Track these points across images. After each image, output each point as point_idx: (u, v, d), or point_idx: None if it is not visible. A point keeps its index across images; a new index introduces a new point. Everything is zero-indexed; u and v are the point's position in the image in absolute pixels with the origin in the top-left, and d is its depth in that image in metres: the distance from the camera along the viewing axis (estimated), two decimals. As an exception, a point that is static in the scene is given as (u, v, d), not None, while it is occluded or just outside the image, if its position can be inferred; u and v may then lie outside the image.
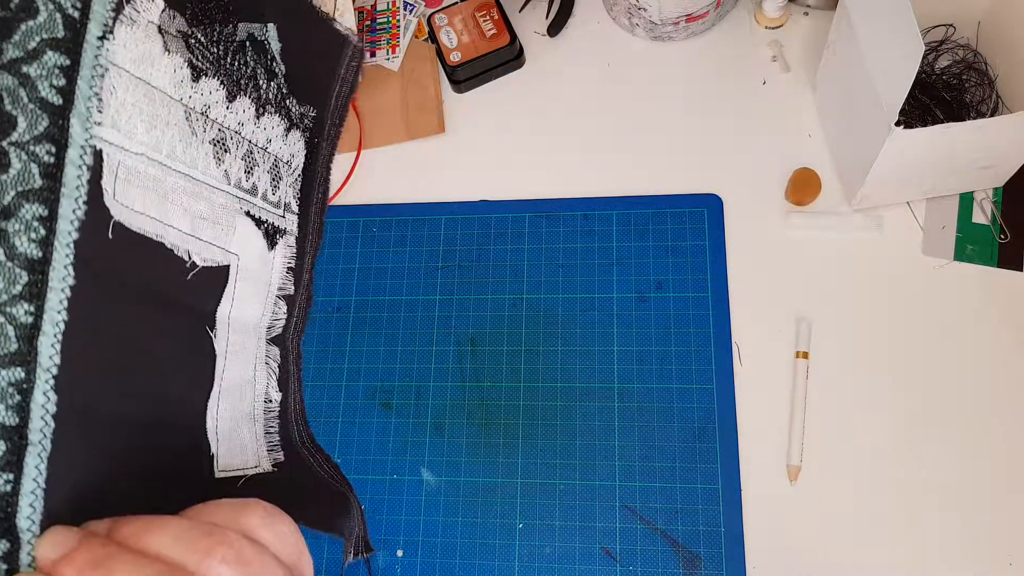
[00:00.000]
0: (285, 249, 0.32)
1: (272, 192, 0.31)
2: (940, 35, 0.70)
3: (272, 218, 0.31)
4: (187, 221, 0.26)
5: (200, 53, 0.27)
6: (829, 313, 0.65)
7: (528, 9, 0.81)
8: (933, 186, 0.65)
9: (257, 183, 0.30)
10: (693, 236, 0.69)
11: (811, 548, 0.60)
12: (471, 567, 0.62)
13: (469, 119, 0.78)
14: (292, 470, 0.33)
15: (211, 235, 0.28)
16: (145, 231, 0.24)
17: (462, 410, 0.67)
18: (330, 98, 0.33)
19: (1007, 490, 0.59)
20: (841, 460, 0.61)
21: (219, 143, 0.28)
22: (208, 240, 0.27)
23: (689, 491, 0.62)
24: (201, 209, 0.27)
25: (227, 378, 0.30)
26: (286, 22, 0.31)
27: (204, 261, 0.27)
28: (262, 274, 0.31)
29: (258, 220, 0.30)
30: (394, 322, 0.70)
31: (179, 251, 0.26)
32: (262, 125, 0.30)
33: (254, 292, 0.31)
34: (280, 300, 0.33)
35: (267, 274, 0.31)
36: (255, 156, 0.30)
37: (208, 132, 0.27)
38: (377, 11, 0.82)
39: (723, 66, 0.76)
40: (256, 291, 0.31)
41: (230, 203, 0.28)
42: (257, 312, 0.31)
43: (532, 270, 0.70)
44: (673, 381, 0.65)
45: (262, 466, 0.32)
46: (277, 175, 0.31)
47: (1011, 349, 0.63)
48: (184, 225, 0.26)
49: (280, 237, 0.32)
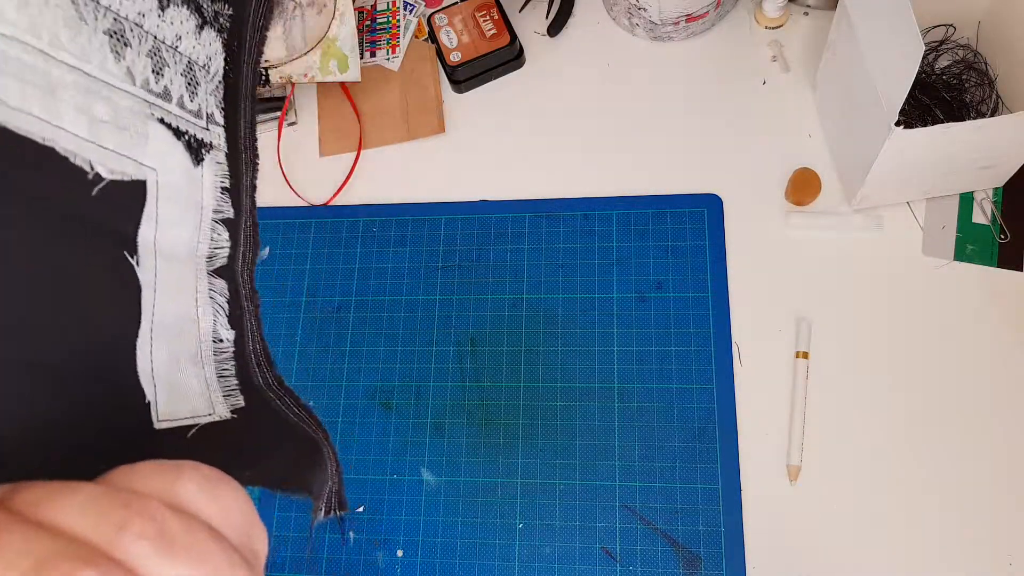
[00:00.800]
0: (214, 166, 0.28)
1: (189, 99, 0.27)
2: (940, 35, 0.70)
3: (193, 129, 0.27)
4: (83, 124, 0.22)
5: None
6: (829, 313, 0.65)
7: (528, 9, 0.81)
8: (933, 186, 0.65)
9: (169, 86, 0.26)
10: (693, 236, 0.69)
11: (811, 548, 0.60)
12: (471, 567, 0.62)
13: (469, 119, 0.78)
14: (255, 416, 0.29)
15: (116, 142, 0.24)
16: (29, 133, 0.20)
17: (462, 410, 0.67)
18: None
19: (1007, 490, 0.59)
20: (841, 460, 0.61)
21: (117, 35, 0.24)
22: (112, 148, 0.23)
23: (689, 491, 0.62)
24: (100, 111, 0.23)
25: (159, 313, 0.26)
26: None
27: (111, 173, 0.23)
28: (190, 193, 0.27)
29: (176, 130, 0.26)
30: (394, 322, 0.70)
31: (76, 159, 0.22)
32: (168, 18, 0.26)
33: (182, 214, 0.27)
34: (218, 225, 0.29)
35: (196, 194, 0.27)
36: (163, 55, 0.26)
37: (102, 20, 0.23)
38: (377, 11, 0.82)
39: (723, 66, 0.76)
40: (185, 213, 0.27)
41: (137, 107, 0.24)
42: (190, 237, 0.27)
43: (532, 270, 0.70)
44: (673, 381, 0.65)
45: (217, 413, 0.28)
46: (194, 80, 0.27)
47: (1011, 349, 0.63)
48: (80, 129, 0.22)
49: (207, 152, 0.28)
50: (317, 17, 0.74)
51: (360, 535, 0.64)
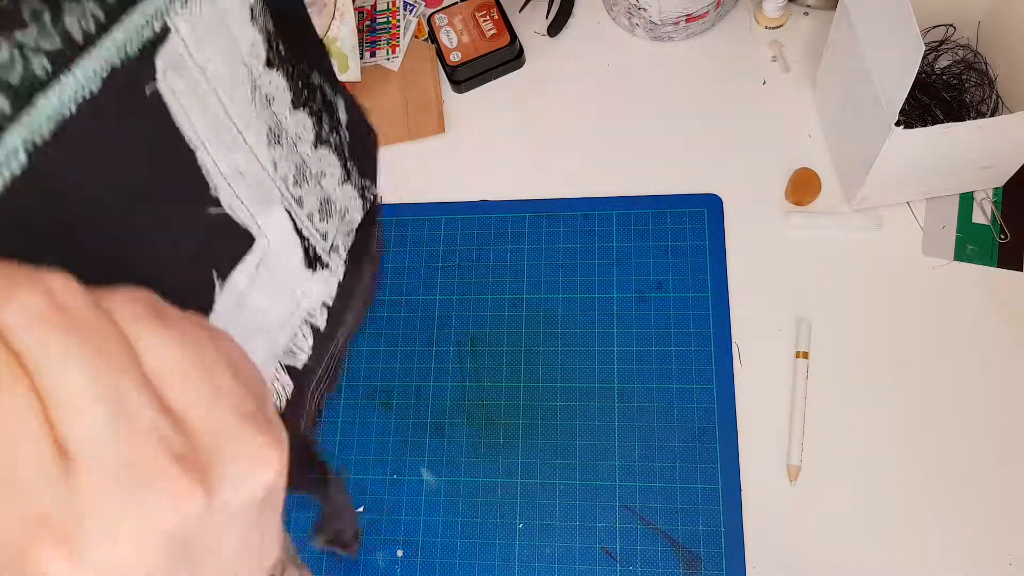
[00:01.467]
0: (326, 285, 0.29)
1: (320, 219, 0.28)
2: (940, 35, 0.70)
3: (315, 240, 0.28)
4: (224, 159, 0.23)
5: (276, 52, 0.25)
6: (829, 313, 0.65)
7: (528, 9, 0.81)
8: (933, 186, 0.65)
9: (304, 197, 0.27)
10: (693, 236, 0.69)
11: (811, 548, 0.60)
12: (471, 567, 0.62)
13: (469, 119, 0.78)
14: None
15: (244, 193, 0.24)
16: (181, 127, 0.21)
17: (462, 410, 0.67)
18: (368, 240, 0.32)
19: (1007, 490, 0.59)
20: (841, 460, 0.61)
21: (274, 134, 0.25)
22: (239, 195, 0.24)
23: (689, 491, 0.62)
24: (239, 161, 0.24)
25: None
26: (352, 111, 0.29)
27: (229, 209, 0.24)
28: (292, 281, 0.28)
29: (298, 229, 0.27)
30: (394, 322, 0.70)
31: (208, 175, 0.23)
32: (318, 155, 0.28)
33: (278, 291, 0.27)
34: (307, 328, 0.29)
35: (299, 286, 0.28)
36: (306, 175, 0.27)
37: (266, 114, 0.25)
38: (377, 11, 0.82)
39: (723, 66, 0.76)
40: (281, 293, 0.27)
41: (270, 186, 0.25)
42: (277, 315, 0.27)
43: (532, 270, 0.70)
44: (673, 381, 0.65)
45: None
46: (328, 211, 0.28)
47: (1011, 349, 0.63)
48: (220, 161, 0.23)
49: (322, 268, 0.29)
50: (317, 17, 0.74)
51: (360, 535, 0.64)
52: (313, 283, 0.29)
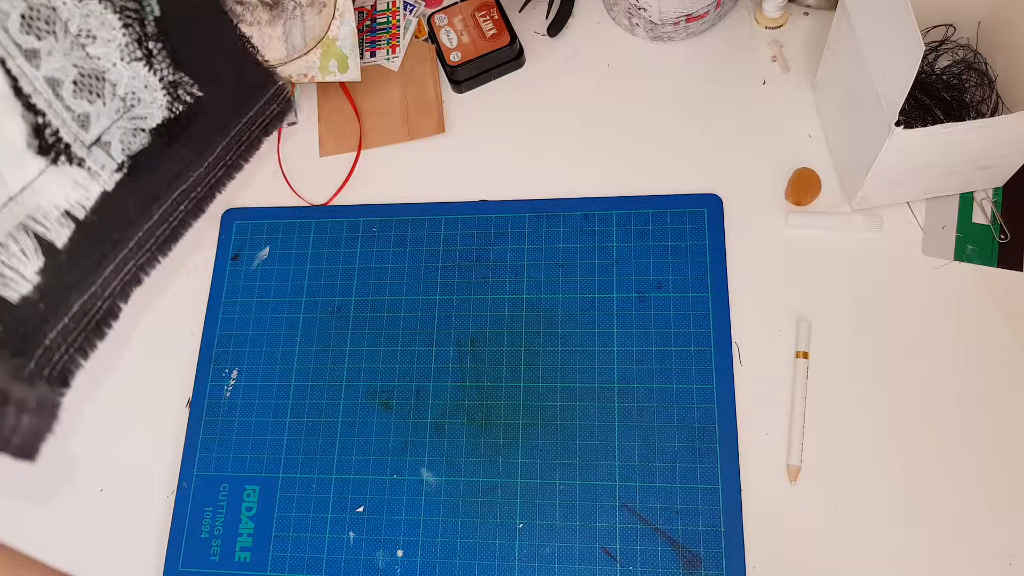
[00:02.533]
0: (76, 188, 0.25)
1: (76, 95, 0.24)
2: (940, 35, 0.70)
3: (58, 120, 0.24)
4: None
5: None
6: (829, 313, 0.65)
7: (528, 9, 0.81)
8: (933, 186, 0.65)
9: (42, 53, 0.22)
10: (693, 236, 0.69)
11: (811, 548, 0.60)
12: (471, 567, 0.62)
13: (469, 119, 0.78)
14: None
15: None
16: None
17: (462, 410, 0.67)
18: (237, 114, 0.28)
19: (1007, 490, 0.59)
20: (841, 460, 0.61)
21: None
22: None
23: (689, 491, 0.62)
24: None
25: None
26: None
27: None
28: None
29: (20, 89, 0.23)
30: (394, 322, 0.70)
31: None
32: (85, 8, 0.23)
33: None
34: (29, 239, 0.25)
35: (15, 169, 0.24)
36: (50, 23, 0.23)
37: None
38: (377, 11, 0.82)
39: (723, 66, 0.76)
40: None
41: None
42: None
43: (532, 270, 0.70)
44: (673, 381, 0.65)
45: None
46: (95, 89, 0.24)
47: (1011, 349, 0.63)
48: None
49: (69, 162, 0.25)
50: (317, 17, 0.74)
51: (360, 535, 0.64)
52: (49, 176, 0.25)
